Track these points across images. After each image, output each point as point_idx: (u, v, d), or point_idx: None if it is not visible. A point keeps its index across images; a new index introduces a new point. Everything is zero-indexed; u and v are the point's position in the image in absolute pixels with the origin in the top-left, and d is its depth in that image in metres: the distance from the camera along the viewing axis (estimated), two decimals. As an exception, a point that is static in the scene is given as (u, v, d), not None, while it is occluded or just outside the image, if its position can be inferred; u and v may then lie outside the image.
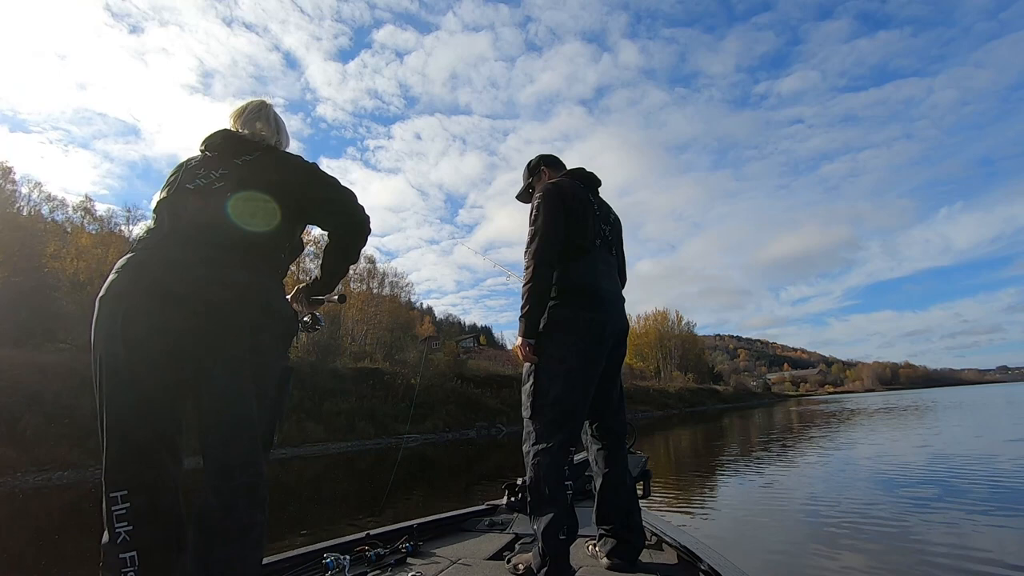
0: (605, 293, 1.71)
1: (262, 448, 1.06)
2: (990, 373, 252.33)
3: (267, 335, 1.08)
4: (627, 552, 1.66)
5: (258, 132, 1.29)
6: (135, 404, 0.98)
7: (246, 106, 1.34)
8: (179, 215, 1.11)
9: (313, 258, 33.93)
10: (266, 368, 1.07)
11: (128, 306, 1.01)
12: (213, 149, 1.22)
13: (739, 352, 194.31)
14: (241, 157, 1.19)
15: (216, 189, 1.13)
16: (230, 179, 1.14)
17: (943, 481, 6.01)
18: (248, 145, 1.23)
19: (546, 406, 1.62)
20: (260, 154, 1.22)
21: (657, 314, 67.85)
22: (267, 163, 1.20)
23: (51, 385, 15.92)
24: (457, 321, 71.57)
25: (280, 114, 1.40)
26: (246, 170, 1.17)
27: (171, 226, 1.10)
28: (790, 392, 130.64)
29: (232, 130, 1.29)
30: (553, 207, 1.68)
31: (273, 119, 1.35)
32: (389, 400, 24.81)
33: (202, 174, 1.16)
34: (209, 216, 1.09)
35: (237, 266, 1.07)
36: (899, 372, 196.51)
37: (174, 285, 1.01)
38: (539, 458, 1.58)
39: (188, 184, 1.15)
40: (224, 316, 1.03)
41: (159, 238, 1.09)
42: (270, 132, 1.32)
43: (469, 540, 2.08)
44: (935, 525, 4.21)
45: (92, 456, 14.26)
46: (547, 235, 1.64)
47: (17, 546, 5.69)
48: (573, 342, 1.63)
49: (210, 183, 1.14)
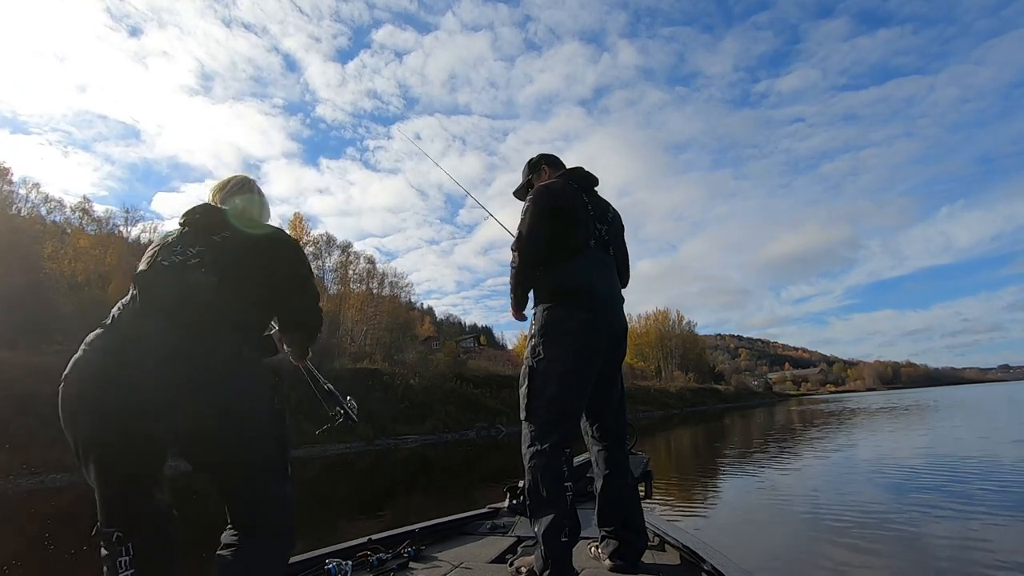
0: (600, 293, 1.71)
1: (273, 485, 1.15)
2: (992, 372, 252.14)
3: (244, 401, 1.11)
4: (629, 553, 1.66)
5: (237, 208, 1.29)
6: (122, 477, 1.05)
7: (228, 181, 1.35)
8: (153, 291, 1.11)
9: (312, 258, 34.00)
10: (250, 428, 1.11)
11: (98, 388, 1.04)
12: (191, 224, 1.22)
13: (740, 352, 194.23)
14: (219, 233, 1.19)
15: (191, 266, 1.13)
16: (205, 256, 1.15)
17: (945, 481, 5.99)
18: (226, 222, 1.23)
19: (541, 408, 1.61)
20: (240, 231, 1.22)
21: (658, 314, 67.92)
22: (243, 241, 1.20)
23: (45, 387, 15.77)
24: (457, 321, 71.67)
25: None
26: (221, 248, 1.17)
27: (144, 301, 1.11)
28: (791, 392, 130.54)
29: (212, 204, 1.29)
30: (541, 208, 1.69)
31: (257, 195, 1.36)
32: (388, 401, 24.72)
33: (178, 250, 1.16)
34: (182, 292, 1.10)
35: (209, 342, 1.08)
36: (900, 371, 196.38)
37: (144, 362, 1.03)
38: (536, 460, 1.57)
39: (164, 261, 1.15)
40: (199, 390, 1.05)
41: (132, 314, 1.11)
42: (250, 208, 1.32)
43: (471, 544, 2.08)
44: (938, 525, 4.20)
45: None
46: (530, 235, 1.68)
47: (10, 550, 5.63)
48: (568, 343, 1.62)
49: (185, 259, 1.14)
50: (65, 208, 27.98)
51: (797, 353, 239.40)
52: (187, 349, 1.05)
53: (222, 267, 1.14)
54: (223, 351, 1.10)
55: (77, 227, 26.91)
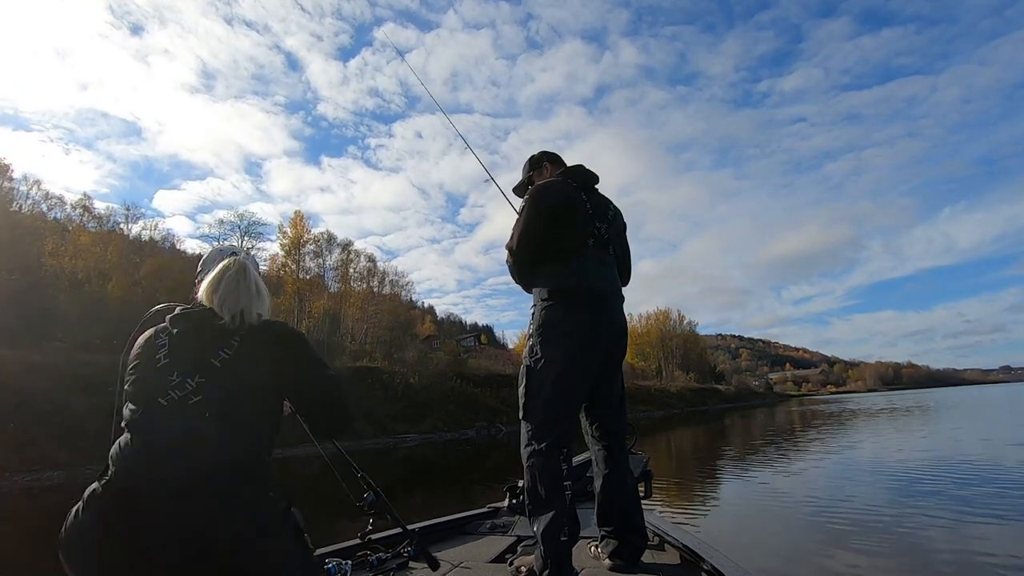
0: (598, 292, 1.69)
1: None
2: (993, 373, 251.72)
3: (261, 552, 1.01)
4: (629, 553, 1.65)
5: (239, 313, 1.12)
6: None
7: (222, 274, 1.16)
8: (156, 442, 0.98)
9: (313, 257, 33.99)
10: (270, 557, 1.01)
11: (106, 553, 0.94)
12: (184, 337, 1.08)
13: (741, 352, 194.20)
14: (218, 353, 1.06)
15: (193, 404, 1.00)
16: (209, 390, 1.02)
17: (945, 484, 5.99)
18: (226, 335, 1.09)
19: (538, 408, 1.61)
20: (240, 345, 1.09)
21: (659, 313, 67.90)
22: (249, 356, 1.08)
23: (42, 384, 15.76)
24: (458, 320, 71.84)
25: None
26: (226, 372, 1.05)
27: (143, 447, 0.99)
28: (792, 392, 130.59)
29: (207, 310, 1.12)
30: (536, 208, 1.70)
31: (254, 286, 1.17)
32: (387, 399, 24.67)
33: (176, 382, 1.02)
34: (188, 442, 0.98)
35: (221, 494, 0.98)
36: (902, 372, 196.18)
37: (156, 533, 0.93)
38: (534, 459, 1.57)
39: (162, 399, 1.01)
40: (223, 557, 0.96)
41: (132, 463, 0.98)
42: (251, 305, 1.15)
43: (471, 543, 2.08)
44: (937, 527, 4.19)
45: (82, 456, 14.14)
46: (524, 234, 1.69)
47: (6, 549, 5.60)
48: (565, 343, 1.62)
49: (185, 396, 1.01)
50: (66, 205, 28.02)
51: (798, 353, 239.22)
52: (202, 518, 0.95)
53: (229, 400, 1.03)
54: (241, 512, 0.99)
55: (78, 224, 26.93)
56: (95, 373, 16.53)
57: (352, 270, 35.82)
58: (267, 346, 1.11)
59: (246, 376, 1.06)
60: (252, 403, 1.06)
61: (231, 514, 0.97)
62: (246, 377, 1.06)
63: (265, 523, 1.02)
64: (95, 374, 16.47)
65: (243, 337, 1.09)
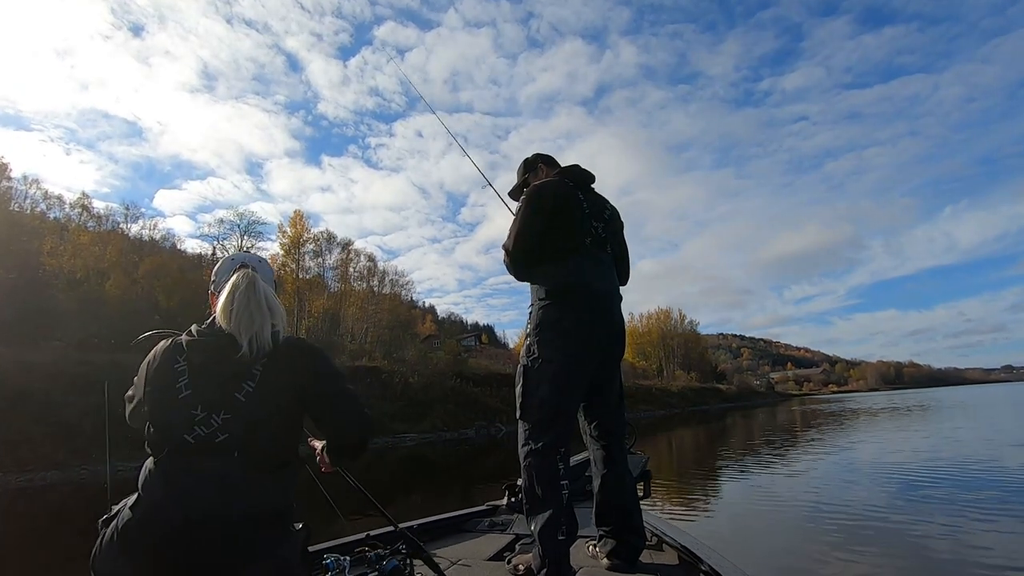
0: (596, 292, 1.69)
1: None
2: (995, 372, 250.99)
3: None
4: (627, 553, 1.66)
5: (254, 336, 1.08)
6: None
7: (233, 293, 1.11)
8: (180, 478, 0.98)
9: (313, 256, 33.98)
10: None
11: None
12: (205, 369, 1.05)
13: (742, 351, 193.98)
14: (242, 387, 1.04)
15: (219, 443, 1.00)
16: (234, 427, 1.01)
17: (948, 484, 5.97)
18: (247, 365, 1.06)
19: (534, 407, 1.62)
20: (263, 375, 1.07)
21: (660, 313, 67.83)
22: (272, 386, 1.06)
23: (38, 383, 15.66)
24: (459, 320, 71.91)
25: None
26: (251, 408, 1.03)
27: (172, 490, 0.98)
28: (793, 391, 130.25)
29: (226, 335, 1.08)
30: (532, 208, 1.70)
31: (264, 302, 1.12)
32: (386, 398, 24.57)
33: (201, 417, 1.01)
34: (216, 485, 0.98)
35: (250, 539, 0.98)
36: (903, 371, 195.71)
37: (179, 564, 0.94)
38: (531, 459, 1.58)
39: (187, 434, 1.00)
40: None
41: (162, 503, 0.98)
42: (264, 324, 1.10)
43: (470, 541, 2.08)
44: (939, 529, 4.19)
45: (77, 456, 14.07)
46: (520, 235, 1.69)
47: (1, 548, 5.58)
48: (561, 343, 1.62)
49: (212, 433, 1.00)
50: (65, 205, 27.91)
51: (799, 353, 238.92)
52: (228, 562, 0.96)
53: (256, 437, 1.01)
54: (267, 555, 0.99)
55: (78, 224, 26.87)
56: (91, 372, 16.45)
57: (352, 269, 35.86)
58: (289, 373, 1.09)
59: (270, 408, 1.05)
60: (277, 435, 1.06)
61: (257, 557, 0.98)
62: (270, 409, 1.05)
63: (288, 564, 1.03)
64: (91, 373, 16.38)
65: (264, 365, 1.08)
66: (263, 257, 1.38)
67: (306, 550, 1.13)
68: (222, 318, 1.12)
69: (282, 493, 1.05)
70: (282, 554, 1.02)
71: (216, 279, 1.26)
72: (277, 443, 1.06)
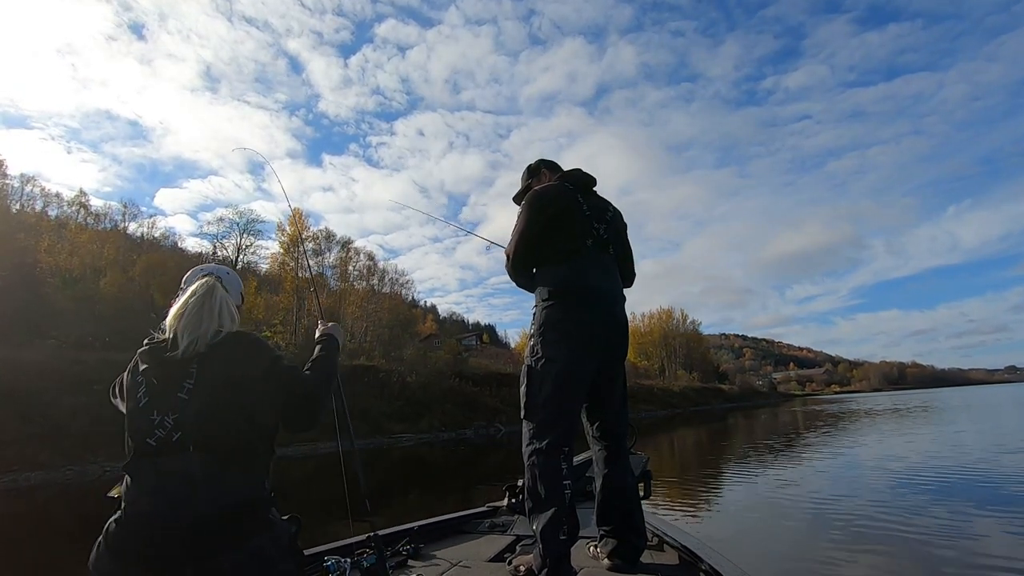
0: (598, 293, 1.71)
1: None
2: (999, 373, 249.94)
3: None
4: (628, 553, 1.66)
5: (195, 340, 1.12)
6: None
7: (186, 301, 1.18)
8: (148, 481, 1.02)
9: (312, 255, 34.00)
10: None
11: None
12: (152, 374, 1.09)
13: (744, 351, 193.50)
14: (183, 386, 1.08)
15: (176, 442, 1.03)
16: (184, 425, 1.04)
17: (949, 487, 5.95)
18: (186, 364, 1.10)
19: (539, 407, 1.62)
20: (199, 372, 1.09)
21: (661, 312, 67.72)
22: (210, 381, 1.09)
23: (27, 383, 15.34)
24: (461, 320, 71.90)
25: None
26: (195, 404, 1.06)
27: (142, 492, 1.02)
28: (796, 392, 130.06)
29: (166, 338, 1.14)
30: (532, 213, 1.73)
31: (217, 307, 1.18)
32: (383, 398, 24.33)
33: (157, 421, 1.05)
34: (180, 483, 1.00)
35: (223, 533, 1.00)
36: (906, 372, 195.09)
37: (161, 567, 0.97)
38: (535, 459, 1.58)
39: (149, 438, 1.04)
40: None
41: (136, 506, 1.01)
42: (208, 328, 1.15)
43: (470, 542, 2.08)
44: (940, 531, 4.17)
45: (63, 457, 13.87)
46: (522, 238, 1.74)
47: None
48: (564, 343, 1.63)
49: (167, 435, 1.04)
50: (63, 202, 27.84)
51: (802, 353, 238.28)
52: (207, 558, 0.98)
53: (206, 432, 1.04)
54: (245, 548, 1.01)
55: (80, 223, 26.76)
56: (82, 371, 16.17)
57: (351, 268, 35.87)
58: (223, 365, 1.11)
59: (212, 402, 1.07)
60: (229, 427, 1.07)
61: (229, 547, 0.99)
62: (213, 403, 1.07)
63: (265, 553, 1.04)
64: (82, 372, 16.10)
65: (199, 363, 1.10)
66: (232, 270, 1.40)
67: (294, 542, 1.13)
68: (171, 321, 1.17)
69: (249, 483, 1.07)
70: (258, 543, 1.03)
71: (183, 286, 1.29)
72: (232, 435, 1.07)
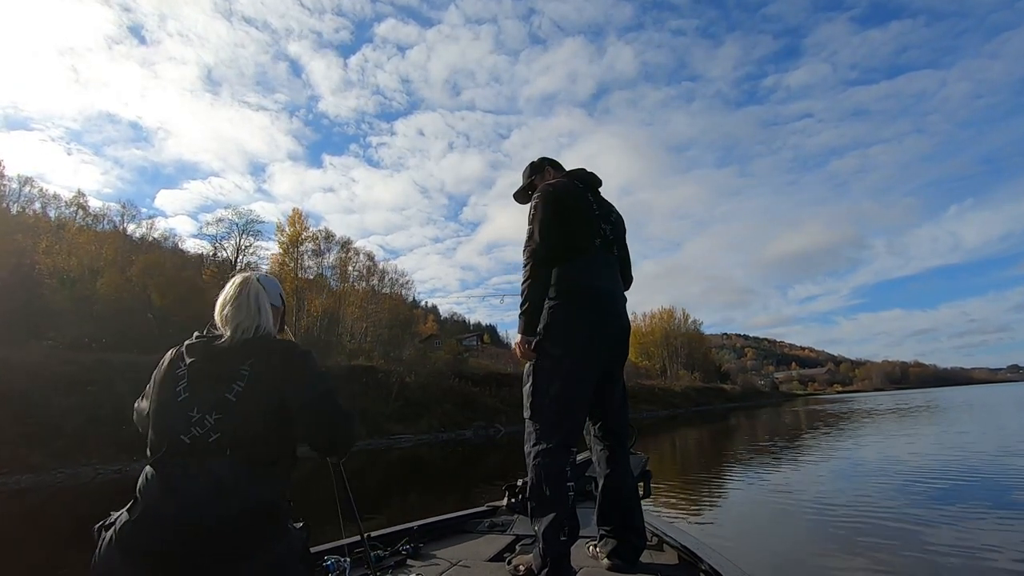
0: (604, 293, 1.71)
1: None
2: (1001, 372, 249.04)
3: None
4: (628, 553, 1.66)
5: (240, 326, 1.15)
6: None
7: (226, 293, 1.20)
8: (176, 478, 1.01)
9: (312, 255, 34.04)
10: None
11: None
12: (199, 370, 1.10)
13: (746, 351, 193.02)
14: (232, 387, 1.08)
15: (213, 442, 1.03)
16: (226, 427, 1.04)
17: (952, 487, 5.91)
18: (236, 365, 1.11)
19: (544, 406, 1.62)
20: (251, 376, 1.11)
21: (663, 312, 67.59)
22: (260, 387, 1.10)
23: (18, 383, 15.05)
24: (462, 320, 71.81)
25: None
26: (241, 408, 1.07)
27: (168, 490, 1.01)
28: (798, 391, 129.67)
29: (215, 336, 1.15)
30: (549, 208, 1.69)
31: (255, 302, 1.20)
32: (382, 399, 24.13)
33: (196, 418, 1.05)
34: (211, 485, 1.00)
35: (245, 538, 1.01)
36: (909, 371, 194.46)
37: (176, 566, 0.96)
38: (539, 459, 1.58)
39: (183, 435, 1.04)
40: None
41: (158, 504, 1.00)
42: (252, 324, 1.17)
43: (469, 541, 2.08)
44: (942, 529, 4.16)
45: (55, 458, 13.67)
46: (542, 234, 1.66)
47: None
48: (571, 342, 1.63)
49: (205, 433, 1.04)
50: (60, 203, 27.39)
51: (804, 353, 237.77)
52: (226, 561, 0.98)
53: (246, 436, 1.05)
54: (263, 554, 1.02)
55: (74, 222, 26.39)
56: (76, 371, 16.02)
57: (351, 268, 35.81)
58: (275, 377, 1.13)
59: (258, 409, 1.09)
60: (268, 434, 1.09)
61: (252, 554, 1.01)
62: (259, 410, 1.09)
63: (284, 561, 1.06)
64: (76, 372, 15.95)
65: (252, 367, 1.12)
66: (273, 278, 1.42)
67: (307, 549, 1.15)
68: (217, 315, 1.19)
69: (275, 491, 1.08)
70: (278, 550, 1.04)
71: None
72: (268, 442, 1.09)
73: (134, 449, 14.61)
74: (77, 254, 23.08)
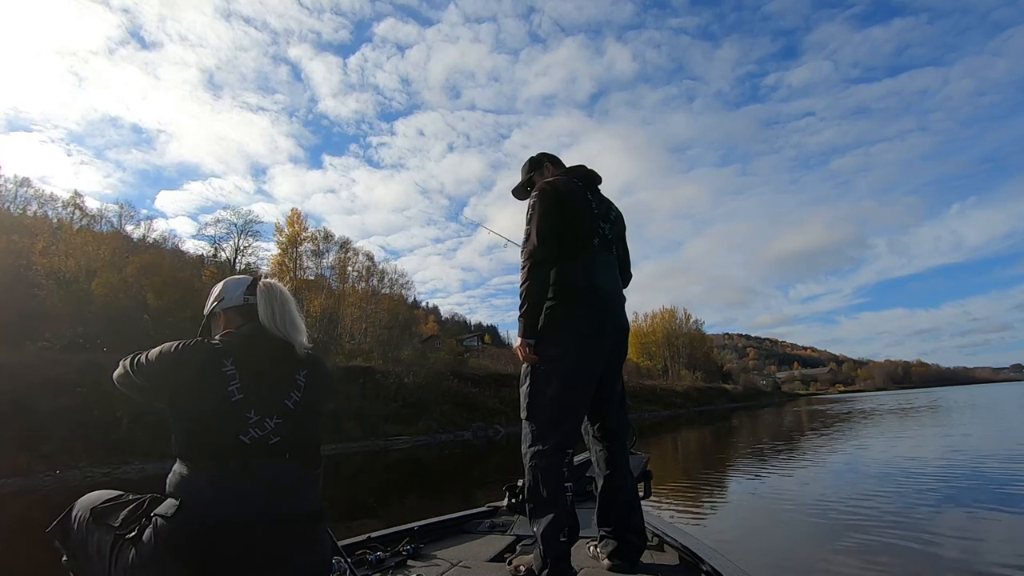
0: (603, 292, 1.70)
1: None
2: (1004, 371, 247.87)
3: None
4: (628, 553, 1.65)
5: (298, 340, 1.19)
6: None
7: (272, 300, 1.19)
8: (229, 480, 1.00)
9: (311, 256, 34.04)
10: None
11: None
12: (258, 372, 1.09)
13: (748, 351, 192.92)
14: (291, 395, 1.11)
15: (273, 445, 1.05)
16: (285, 432, 1.07)
17: (955, 487, 5.87)
18: (293, 374, 1.14)
19: (542, 407, 1.61)
20: (306, 386, 1.15)
21: (664, 312, 67.45)
22: (313, 397, 1.16)
23: (4, 385, 14.73)
24: (463, 320, 72.00)
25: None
26: (299, 415, 1.11)
27: (224, 489, 0.99)
28: (800, 391, 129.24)
29: (270, 336, 1.15)
30: (548, 205, 1.67)
31: (298, 316, 1.22)
32: (379, 399, 23.93)
33: (255, 420, 1.04)
34: (271, 486, 1.02)
35: (298, 537, 1.04)
36: (911, 370, 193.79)
37: (229, 565, 0.97)
38: (536, 460, 1.57)
39: (242, 435, 1.02)
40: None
41: (214, 501, 0.98)
42: (302, 336, 1.20)
43: (470, 542, 2.08)
44: (943, 529, 4.13)
45: (43, 461, 13.47)
46: (541, 233, 1.63)
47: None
48: (570, 342, 1.62)
49: (265, 436, 1.04)
50: (57, 204, 27.26)
51: (806, 352, 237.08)
52: (280, 559, 1.00)
53: (302, 442, 1.10)
54: (313, 552, 1.07)
55: (71, 224, 26.29)
56: (65, 373, 15.81)
57: (351, 269, 35.80)
58: (323, 386, 1.22)
59: (312, 416, 1.16)
60: (315, 443, 1.17)
61: (308, 550, 1.07)
62: (312, 417, 1.16)
63: (328, 557, 1.16)
64: (65, 374, 15.75)
65: (307, 377, 1.18)
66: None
67: (337, 549, 1.29)
68: (269, 322, 1.18)
69: (317, 494, 1.15)
70: (326, 546, 1.15)
71: (224, 296, 1.27)
72: (317, 448, 1.16)
73: (123, 452, 14.60)
74: (74, 255, 22.93)
